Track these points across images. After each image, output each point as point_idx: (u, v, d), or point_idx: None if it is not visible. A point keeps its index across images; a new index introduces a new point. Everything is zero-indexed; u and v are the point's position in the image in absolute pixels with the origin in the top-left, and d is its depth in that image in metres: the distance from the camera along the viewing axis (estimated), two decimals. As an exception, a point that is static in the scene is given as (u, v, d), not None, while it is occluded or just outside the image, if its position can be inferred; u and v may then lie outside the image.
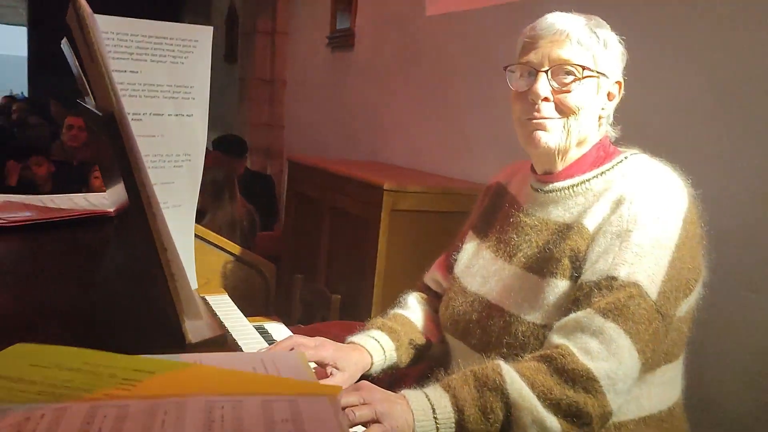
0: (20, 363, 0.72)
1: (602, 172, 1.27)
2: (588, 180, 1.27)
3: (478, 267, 1.40)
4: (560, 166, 1.30)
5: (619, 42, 1.28)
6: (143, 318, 0.81)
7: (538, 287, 1.24)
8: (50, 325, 0.83)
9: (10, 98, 7.71)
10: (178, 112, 0.88)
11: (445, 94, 3.23)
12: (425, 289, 1.60)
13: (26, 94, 9.31)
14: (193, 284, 0.96)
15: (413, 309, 1.52)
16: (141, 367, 0.73)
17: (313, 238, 3.28)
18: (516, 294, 1.28)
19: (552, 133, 1.26)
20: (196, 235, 1.87)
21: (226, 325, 1.49)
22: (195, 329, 0.81)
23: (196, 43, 0.88)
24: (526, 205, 1.36)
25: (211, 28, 0.87)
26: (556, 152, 1.27)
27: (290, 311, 3.44)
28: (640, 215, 1.16)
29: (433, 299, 1.56)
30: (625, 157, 1.28)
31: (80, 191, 3.72)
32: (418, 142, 3.46)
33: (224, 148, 4.22)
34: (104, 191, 3.58)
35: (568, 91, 1.23)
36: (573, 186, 1.28)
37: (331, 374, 1.27)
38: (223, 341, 0.79)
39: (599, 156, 1.30)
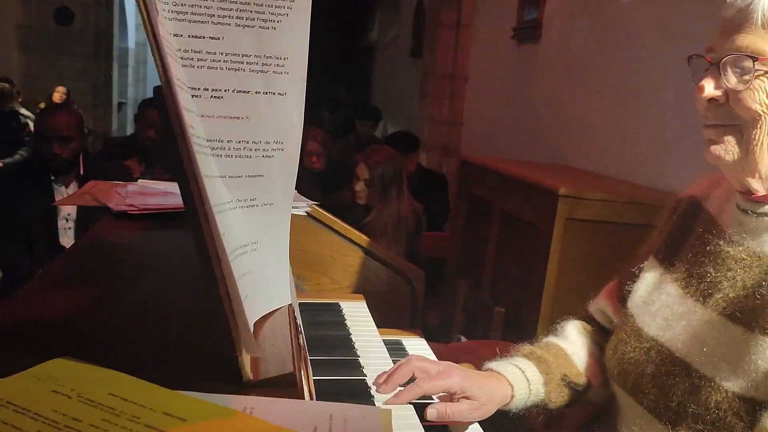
0: (43, 386, 0.59)
1: None
2: None
3: (660, 305, 1.10)
4: (759, 185, 0.97)
5: None
6: (198, 343, 0.65)
7: (743, 344, 0.92)
8: (104, 334, 0.71)
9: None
10: (268, 90, 0.72)
11: (641, 89, 2.83)
12: (589, 320, 1.31)
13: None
14: (290, 298, 0.80)
15: (572, 340, 1.25)
16: (174, 409, 0.57)
17: (480, 243, 3.05)
18: (711, 349, 0.96)
19: (725, 146, 0.95)
20: (338, 233, 1.74)
21: (351, 337, 1.33)
22: (259, 363, 0.65)
23: (291, 4, 0.71)
24: (731, 230, 1.03)
25: (309, -15, 0.70)
26: (740, 169, 0.96)
27: (451, 319, 3.26)
28: None
29: (599, 333, 1.28)
30: None
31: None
32: (609, 143, 3.08)
33: (394, 143, 4.12)
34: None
35: (746, 90, 0.92)
36: None
37: (459, 401, 1.06)
38: (292, 381, 0.61)
39: None
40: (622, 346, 1.12)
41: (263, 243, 0.77)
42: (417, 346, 1.52)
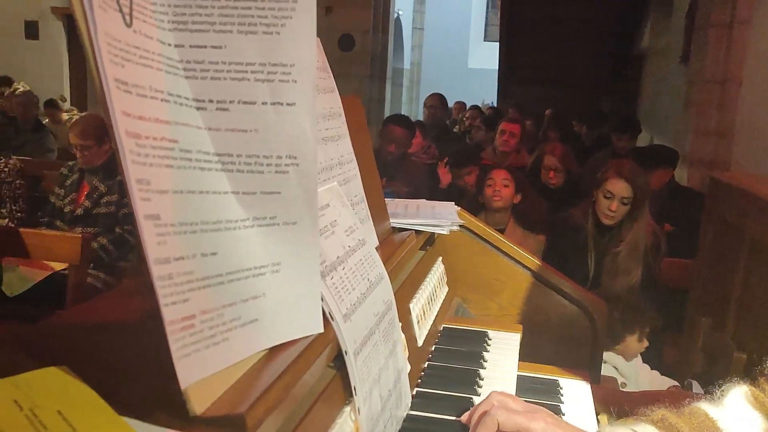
0: (10, 394, 0.61)
1: None
2: None
3: None
4: None
5: None
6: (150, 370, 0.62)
7: None
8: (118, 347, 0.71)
9: (477, 108, 8.43)
10: (275, 100, 0.66)
11: None
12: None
13: (495, 104, 10.09)
14: (320, 327, 0.74)
15: (731, 410, 0.96)
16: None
17: (727, 276, 2.60)
18: None
19: None
20: (507, 255, 1.59)
21: (481, 372, 1.19)
22: (222, 398, 0.59)
23: (294, 5, 0.64)
24: None
25: (314, -16, 0.63)
26: None
27: (688, 359, 2.82)
28: None
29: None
30: None
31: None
32: None
33: (641, 158, 3.71)
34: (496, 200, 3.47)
35: None
36: None
37: None
38: (240, 423, 0.54)
39: None
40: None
41: (287, 265, 0.72)
42: (577, 388, 1.33)
